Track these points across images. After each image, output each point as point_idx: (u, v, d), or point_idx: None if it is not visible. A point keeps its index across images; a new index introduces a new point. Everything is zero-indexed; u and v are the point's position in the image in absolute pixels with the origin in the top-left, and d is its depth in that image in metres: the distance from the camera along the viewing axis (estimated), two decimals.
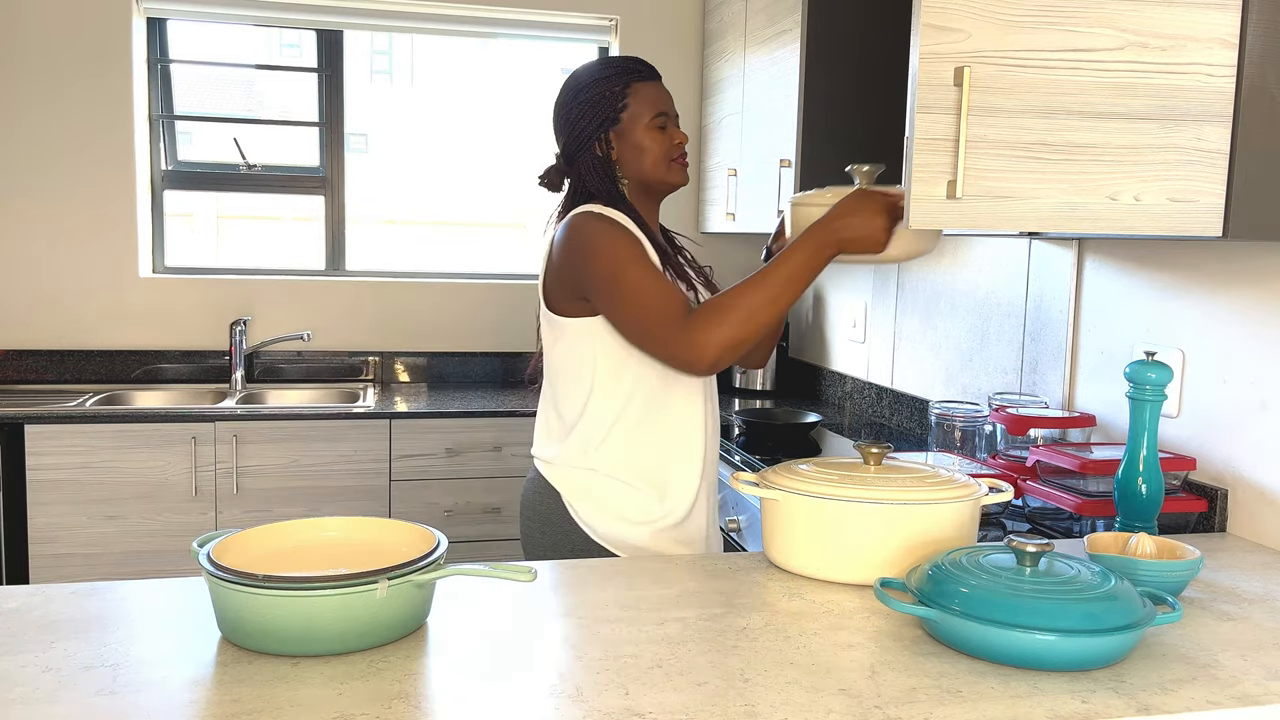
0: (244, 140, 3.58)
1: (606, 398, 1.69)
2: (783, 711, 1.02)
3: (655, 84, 1.76)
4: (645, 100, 1.73)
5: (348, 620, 1.11)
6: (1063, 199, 1.48)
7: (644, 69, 1.75)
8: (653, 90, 1.74)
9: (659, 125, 1.73)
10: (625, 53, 3.67)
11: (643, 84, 1.74)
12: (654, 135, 1.73)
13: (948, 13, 1.41)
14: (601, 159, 1.73)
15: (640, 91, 1.74)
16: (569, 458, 1.73)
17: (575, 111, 1.73)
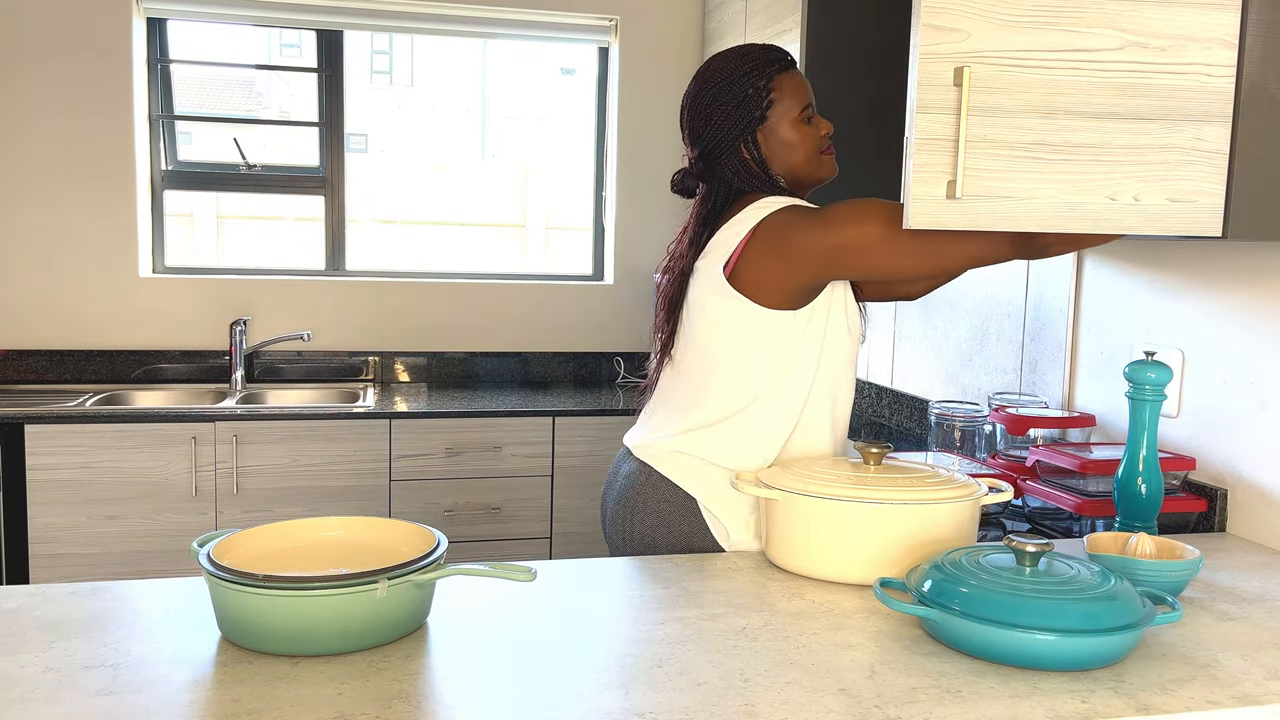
0: (244, 140, 3.58)
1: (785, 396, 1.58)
2: (783, 711, 1.02)
3: (796, 73, 1.66)
4: (790, 93, 1.64)
5: (348, 620, 1.11)
6: (1062, 199, 1.48)
7: (783, 58, 1.65)
8: (795, 81, 1.65)
9: (806, 118, 1.65)
10: (625, 53, 3.68)
11: (785, 75, 1.64)
12: (802, 130, 1.64)
13: (948, 13, 1.41)
14: (750, 160, 1.64)
15: (784, 84, 1.64)
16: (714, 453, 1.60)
17: (718, 113, 1.63)
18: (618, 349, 3.80)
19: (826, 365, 1.60)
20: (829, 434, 1.64)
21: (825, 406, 1.62)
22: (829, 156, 1.69)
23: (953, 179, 1.42)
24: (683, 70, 3.73)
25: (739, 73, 1.63)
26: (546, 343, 3.76)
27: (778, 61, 1.64)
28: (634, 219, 3.76)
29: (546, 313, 3.75)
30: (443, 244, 3.87)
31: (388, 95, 3.98)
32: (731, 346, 1.59)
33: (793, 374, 1.58)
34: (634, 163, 3.73)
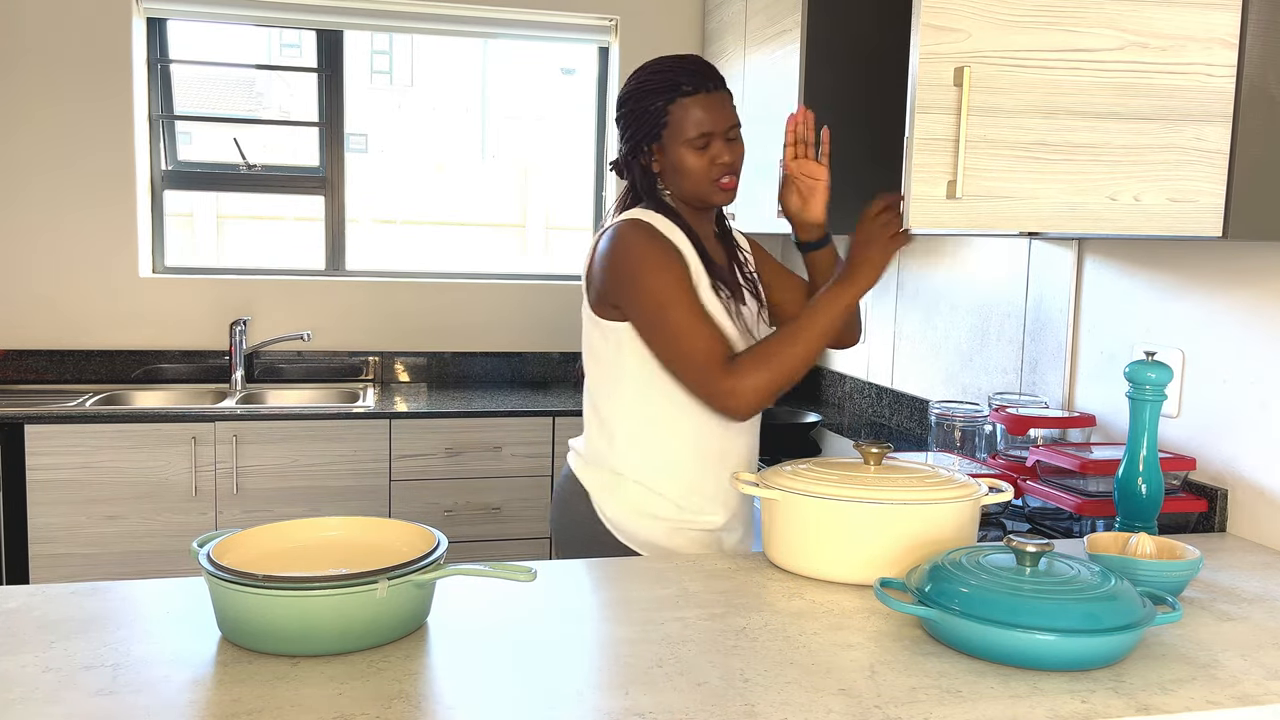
0: (244, 140, 3.58)
1: (643, 402, 1.68)
2: (783, 711, 1.02)
3: (704, 98, 1.64)
4: (689, 120, 1.64)
5: (347, 620, 1.11)
6: (1063, 199, 1.48)
7: (692, 83, 1.64)
8: (698, 106, 1.64)
9: (698, 146, 1.65)
10: (625, 53, 3.68)
11: (689, 99, 1.64)
12: (692, 158, 1.65)
13: (948, 13, 1.41)
14: (645, 169, 1.71)
15: (684, 109, 1.64)
16: (600, 456, 1.73)
17: (623, 121, 1.71)
18: None
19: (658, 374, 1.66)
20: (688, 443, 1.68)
21: (668, 413, 1.67)
22: (723, 187, 1.67)
23: (953, 179, 1.42)
24: None
25: (646, 88, 1.66)
26: (546, 343, 3.76)
27: (684, 87, 1.64)
28: None
29: (547, 313, 3.74)
30: (443, 244, 3.87)
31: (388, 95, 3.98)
32: (585, 349, 1.76)
33: (621, 380, 1.69)
34: None
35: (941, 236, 2.66)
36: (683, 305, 1.59)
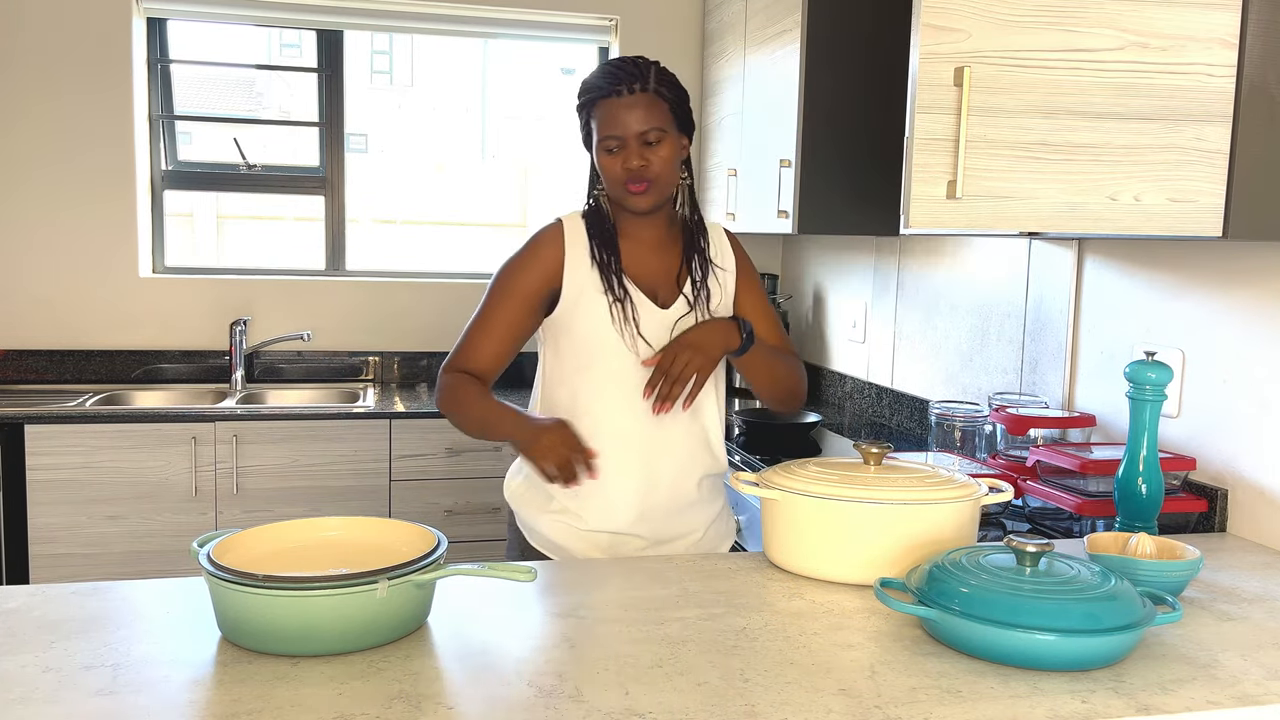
0: (244, 140, 3.58)
1: (548, 403, 1.74)
2: (783, 711, 1.02)
3: (616, 101, 1.64)
4: (601, 122, 1.67)
5: (347, 620, 1.11)
6: (1063, 199, 1.48)
7: (607, 86, 1.65)
8: (607, 110, 1.65)
9: (608, 149, 1.66)
10: (625, 53, 3.67)
11: (603, 102, 1.66)
12: (605, 160, 1.67)
13: (948, 13, 1.41)
14: (590, 169, 1.76)
15: (598, 111, 1.67)
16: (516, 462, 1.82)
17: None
18: None
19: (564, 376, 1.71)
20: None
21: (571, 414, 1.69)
22: (631, 191, 1.66)
23: (953, 179, 1.42)
24: (683, 71, 3.73)
25: (579, 91, 1.72)
26: None
27: (599, 89, 1.66)
28: None
29: None
30: (443, 244, 3.87)
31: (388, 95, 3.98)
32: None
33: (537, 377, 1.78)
34: None
35: (941, 236, 2.66)
36: (485, 307, 1.71)
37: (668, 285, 1.74)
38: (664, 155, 1.66)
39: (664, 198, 1.69)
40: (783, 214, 2.81)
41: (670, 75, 1.70)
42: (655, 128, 1.64)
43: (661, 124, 1.65)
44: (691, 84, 3.74)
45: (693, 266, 1.75)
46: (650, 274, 1.74)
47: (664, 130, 1.65)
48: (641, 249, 1.75)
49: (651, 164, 1.65)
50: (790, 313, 3.70)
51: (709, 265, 1.76)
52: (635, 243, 1.74)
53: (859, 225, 2.81)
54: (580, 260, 1.70)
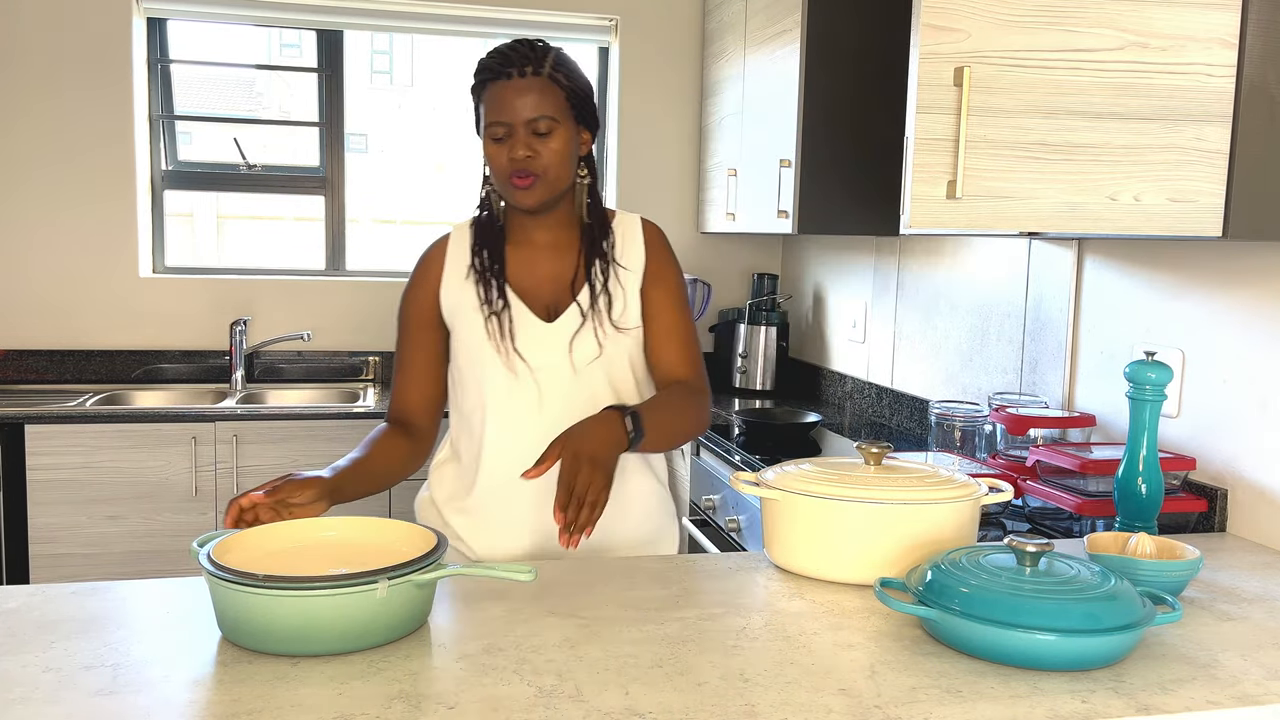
0: (244, 140, 3.58)
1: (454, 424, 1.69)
2: (783, 711, 1.02)
3: (504, 85, 1.49)
4: (488, 106, 1.50)
5: (348, 620, 1.11)
6: (1063, 199, 1.48)
7: (495, 68, 1.50)
8: (495, 94, 1.50)
9: (495, 136, 1.50)
10: (625, 53, 3.68)
11: (491, 85, 1.50)
12: (491, 149, 1.52)
13: (948, 13, 1.41)
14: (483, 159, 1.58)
15: (488, 95, 1.51)
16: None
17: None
18: None
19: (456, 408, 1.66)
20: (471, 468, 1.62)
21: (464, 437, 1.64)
22: (515, 185, 1.51)
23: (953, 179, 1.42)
24: (683, 70, 3.73)
25: (474, 71, 1.54)
26: None
27: (491, 69, 1.50)
28: None
29: None
30: None
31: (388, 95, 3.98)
32: None
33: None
34: (634, 162, 3.73)
35: (941, 236, 2.67)
36: (398, 344, 1.66)
37: (562, 294, 1.59)
38: (555, 148, 1.50)
39: (553, 195, 1.54)
40: (783, 214, 2.82)
41: (570, 63, 1.54)
42: (546, 116, 1.49)
43: (554, 113, 1.49)
44: (691, 83, 3.75)
45: (592, 273, 1.59)
46: (541, 282, 1.60)
47: (556, 120, 1.50)
48: (535, 254, 1.61)
49: (540, 155, 1.50)
50: (790, 313, 3.70)
51: (610, 268, 1.60)
52: (528, 247, 1.61)
53: (859, 225, 2.81)
54: (457, 273, 1.60)
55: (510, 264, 1.61)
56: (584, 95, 1.54)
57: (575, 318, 1.57)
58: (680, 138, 3.77)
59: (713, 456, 2.68)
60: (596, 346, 1.57)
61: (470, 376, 1.60)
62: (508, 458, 1.59)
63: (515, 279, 1.60)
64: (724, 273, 3.85)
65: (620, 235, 1.63)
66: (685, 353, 1.62)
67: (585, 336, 1.56)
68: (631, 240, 1.63)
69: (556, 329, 1.57)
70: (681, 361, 1.61)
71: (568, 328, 1.56)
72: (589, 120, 1.56)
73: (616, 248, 1.62)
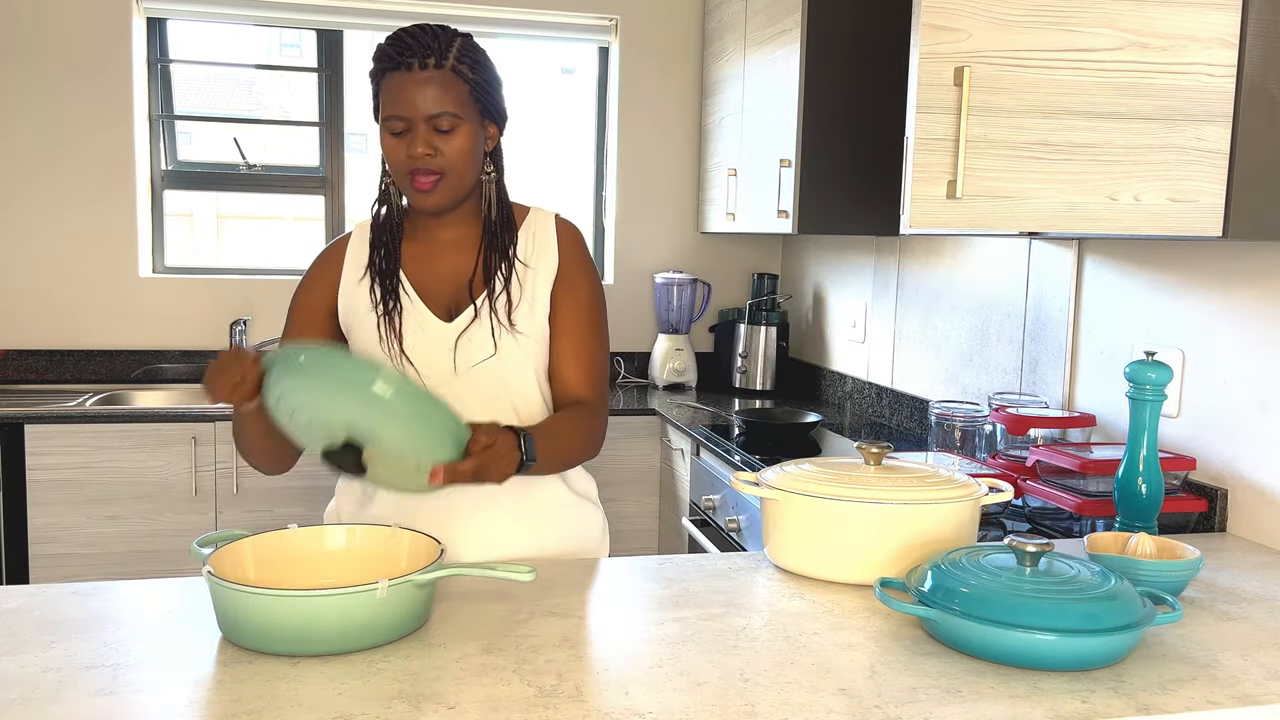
0: (244, 140, 3.58)
1: None
2: (783, 711, 1.02)
3: (404, 75, 1.40)
4: (389, 96, 1.41)
5: (348, 620, 1.11)
6: (1063, 199, 1.48)
7: (396, 56, 1.40)
8: (394, 85, 1.41)
9: (394, 130, 1.42)
10: (625, 53, 3.68)
11: (390, 74, 1.41)
12: (389, 143, 1.43)
13: (948, 12, 1.41)
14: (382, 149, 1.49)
15: (389, 84, 1.41)
16: None
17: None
18: (618, 349, 3.80)
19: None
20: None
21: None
22: (416, 186, 1.43)
23: (953, 179, 1.42)
24: (683, 70, 3.73)
25: (375, 54, 1.45)
26: None
27: (392, 58, 1.41)
28: (634, 219, 3.76)
29: None
30: None
31: None
32: None
33: None
34: (634, 163, 3.73)
35: (941, 236, 2.67)
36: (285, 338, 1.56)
37: (460, 293, 1.52)
38: (458, 145, 1.42)
39: (456, 195, 1.46)
40: (783, 214, 2.82)
41: (477, 53, 1.45)
42: (449, 112, 1.40)
43: (457, 109, 1.41)
44: (691, 83, 3.74)
45: (490, 270, 1.51)
46: (441, 280, 1.53)
47: (459, 117, 1.41)
48: (436, 251, 1.54)
49: (441, 153, 1.41)
50: (790, 313, 3.70)
51: (513, 266, 1.52)
52: (429, 244, 1.54)
53: (859, 225, 2.81)
54: (355, 272, 1.53)
55: (410, 262, 1.53)
56: (490, 88, 1.46)
57: (470, 317, 1.49)
58: (680, 138, 3.77)
59: (713, 456, 2.68)
60: (491, 347, 1.48)
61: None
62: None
63: (416, 277, 1.52)
64: (724, 273, 3.85)
65: (529, 235, 1.55)
66: (588, 370, 1.54)
67: (478, 336, 1.48)
68: (543, 241, 1.55)
69: (451, 329, 1.49)
70: (583, 380, 1.53)
71: (459, 328, 1.49)
72: (496, 114, 1.48)
73: (522, 246, 1.54)
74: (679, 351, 3.61)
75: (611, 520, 3.19)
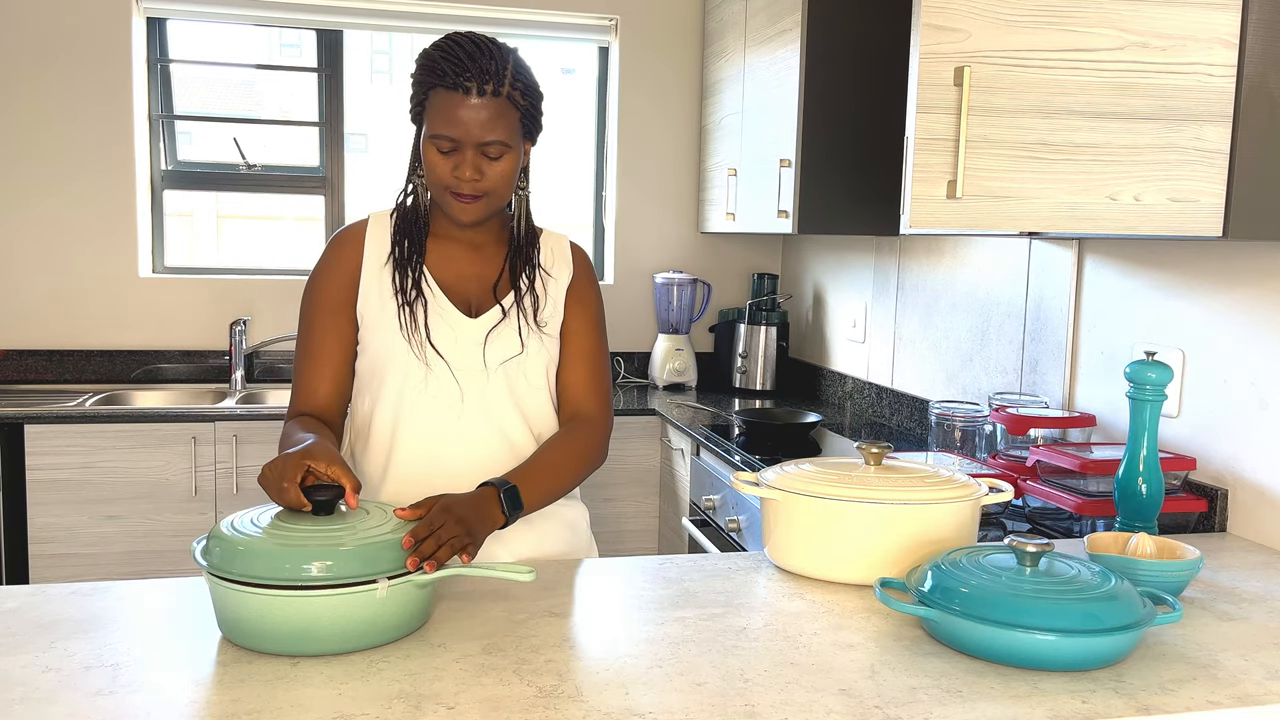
0: (244, 140, 3.58)
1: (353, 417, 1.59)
2: (783, 711, 1.02)
3: (460, 98, 1.40)
4: (436, 115, 1.42)
5: (348, 620, 1.11)
6: (1063, 199, 1.48)
7: (452, 76, 1.40)
8: (447, 105, 1.40)
9: (442, 149, 1.43)
10: (625, 53, 3.68)
11: (445, 93, 1.41)
12: (435, 156, 1.44)
13: (948, 12, 1.41)
14: (415, 149, 1.51)
15: (436, 101, 1.42)
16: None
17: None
18: (618, 349, 3.80)
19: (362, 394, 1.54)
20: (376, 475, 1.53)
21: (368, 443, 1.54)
22: (458, 202, 1.45)
23: (953, 179, 1.42)
24: (683, 70, 3.73)
25: (420, 63, 1.45)
26: None
27: (445, 75, 1.40)
28: (634, 219, 3.76)
29: None
30: None
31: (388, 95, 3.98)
32: None
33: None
34: (634, 163, 3.73)
35: (941, 236, 2.67)
36: (302, 332, 1.53)
37: (483, 294, 1.54)
38: (502, 170, 1.44)
39: (493, 212, 1.49)
40: (783, 214, 2.82)
41: (527, 75, 1.46)
42: (500, 141, 1.42)
43: (507, 137, 1.42)
44: (691, 83, 3.74)
45: (517, 275, 1.55)
46: (463, 279, 1.54)
47: (508, 145, 1.43)
48: (458, 250, 1.55)
49: (486, 178, 1.44)
50: (790, 312, 3.70)
51: (537, 272, 1.56)
52: (451, 242, 1.55)
53: (859, 225, 2.81)
54: (377, 261, 1.52)
55: (432, 257, 1.54)
56: (537, 112, 1.49)
57: (497, 315, 1.52)
58: (680, 138, 3.77)
59: (713, 456, 2.68)
60: (518, 344, 1.52)
61: (379, 374, 1.50)
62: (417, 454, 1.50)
63: (438, 274, 1.54)
64: (724, 273, 3.85)
65: (548, 248, 1.61)
66: (594, 379, 1.58)
67: (506, 334, 1.51)
68: (560, 254, 1.61)
69: (479, 325, 1.51)
70: (588, 389, 1.58)
71: (489, 324, 1.51)
72: (535, 133, 1.51)
73: (544, 257, 1.59)
74: (679, 351, 3.61)
75: (611, 520, 3.20)
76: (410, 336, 1.49)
